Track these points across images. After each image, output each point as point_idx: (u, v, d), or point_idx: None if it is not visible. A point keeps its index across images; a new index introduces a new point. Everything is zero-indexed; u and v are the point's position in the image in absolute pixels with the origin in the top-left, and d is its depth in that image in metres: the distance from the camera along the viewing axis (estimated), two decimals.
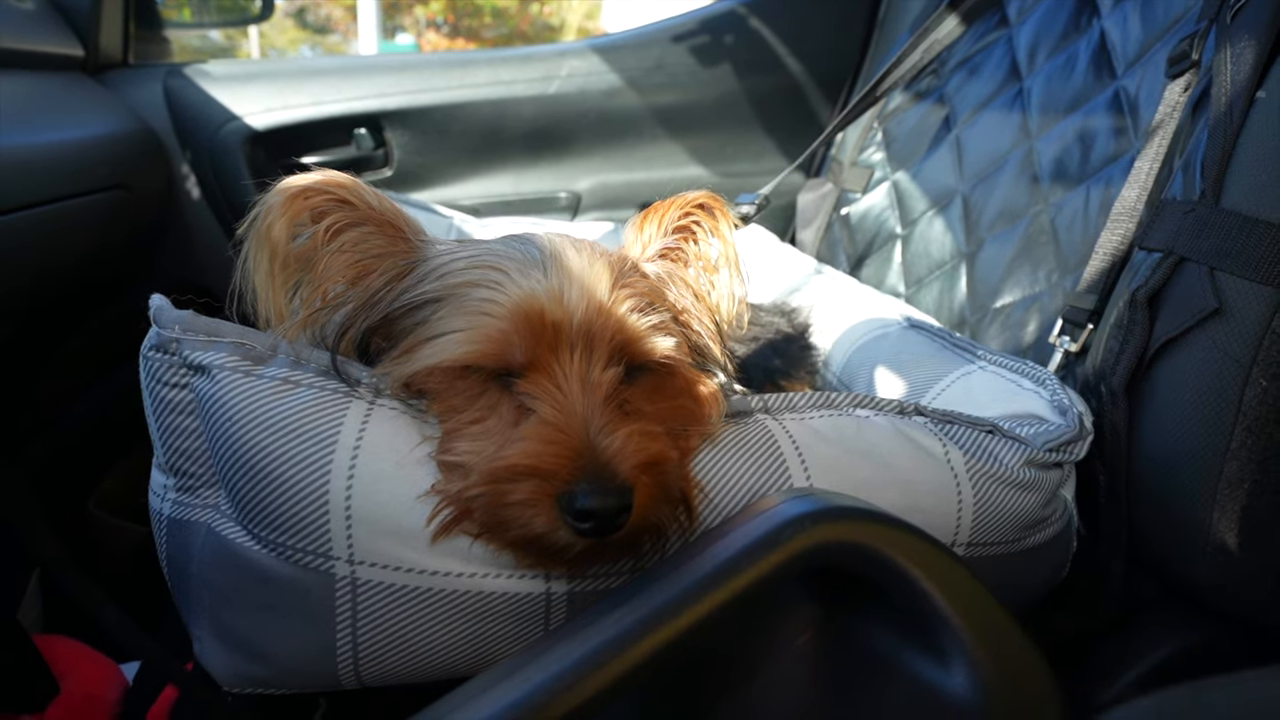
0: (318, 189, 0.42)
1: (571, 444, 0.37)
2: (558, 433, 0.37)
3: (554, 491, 0.36)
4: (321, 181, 0.42)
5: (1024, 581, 0.48)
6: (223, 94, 1.06)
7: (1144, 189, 0.60)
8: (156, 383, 0.41)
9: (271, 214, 0.42)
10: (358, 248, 0.43)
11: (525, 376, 0.39)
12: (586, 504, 0.35)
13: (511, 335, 0.38)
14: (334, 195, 0.43)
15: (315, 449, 0.38)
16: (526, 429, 0.38)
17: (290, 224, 0.42)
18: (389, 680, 0.41)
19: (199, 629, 0.41)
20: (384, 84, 1.11)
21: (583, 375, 0.38)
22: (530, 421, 0.38)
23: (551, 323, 0.38)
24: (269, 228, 0.42)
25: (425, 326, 0.40)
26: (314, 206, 0.42)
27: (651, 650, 0.27)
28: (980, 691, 0.29)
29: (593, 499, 0.35)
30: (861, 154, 1.03)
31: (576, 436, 0.37)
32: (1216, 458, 0.47)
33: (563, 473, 0.36)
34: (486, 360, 0.38)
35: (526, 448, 0.37)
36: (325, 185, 0.42)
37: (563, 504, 0.36)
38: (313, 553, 0.38)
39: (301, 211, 0.42)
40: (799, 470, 0.42)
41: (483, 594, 0.39)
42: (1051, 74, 0.80)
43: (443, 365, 0.39)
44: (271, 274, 0.43)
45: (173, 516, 0.42)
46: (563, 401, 0.38)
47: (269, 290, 0.44)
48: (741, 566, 0.30)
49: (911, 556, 0.31)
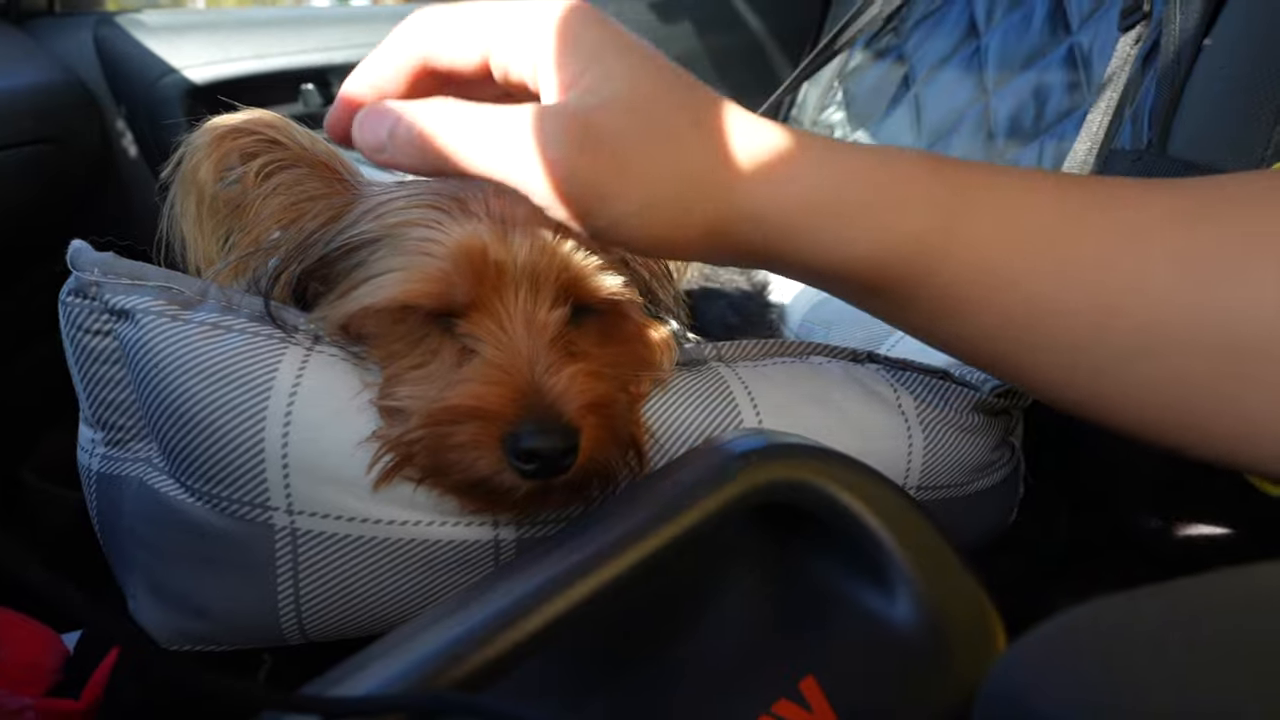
0: (246, 129, 0.40)
1: (515, 384, 0.36)
2: (501, 373, 0.36)
3: (498, 433, 0.35)
4: (250, 121, 0.40)
5: (971, 524, 0.49)
6: (158, 45, 1.01)
7: (1095, 141, 0.61)
8: (77, 330, 0.39)
9: (197, 155, 0.40)
10: (291, 190, 0.41)
11: (467, 317, 0.38)
12: (531, 444, 0.34)
13: (452, 274, 0.37)
14: (264, 135, 0.41)
15: (249, 395, 0.36)
16: (469, 370, 0.37)
17: (218, 166, 0.40)
18: (334, 634, 0.40)
19: (133, 586, 0.40)
20: (332, 37, 1.07)
21: (528, 315, 0.37)
22: (473, 363, 0.37)
23: (494, 261, 0.37)
24: (195, 170, 0.40)
25: (363, 268, 0.39)
26: (243, 148, 0.40)
27: (591, 592, 0.27)
28: (923, 619, 0.29)
29: (538, 439, 0.34)
30: (822, 113, 1.03)
31: (521, 377, 0.36)
32: None
33: (506, 413, 0.35)
34: (426, 300, 0.37)
35: (469, 389, 0.36)
36: (254, 125, 0.40)
37: (507, 445, 0.35)
38: (249, 503, 0.37)
39: (230, 153, 0.40)
40: (750, 414, 0.42)
41: (428, 542, 0.38)
42: (1008, 30, 0.80)
43: (381, 305, 0.37)
44: (200, 220, 0.41)
45: (102, 472, 0.40)
46: (506, 342, 0.37)
47: (197, 237, 0.42)
48: (686, 504, 0.29)
49: (857, 491, 0.31)
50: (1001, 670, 0.17)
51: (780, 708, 0.28)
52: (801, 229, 0.31)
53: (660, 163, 0.29)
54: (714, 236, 0.31)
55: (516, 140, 0.29)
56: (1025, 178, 0.32)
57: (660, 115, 0.29)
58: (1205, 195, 0.31)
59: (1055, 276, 0.31)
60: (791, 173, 0.30)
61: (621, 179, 0.29)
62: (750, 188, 0.30)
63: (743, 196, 0.30)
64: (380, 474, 0.37)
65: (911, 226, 0.31)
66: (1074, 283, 0.30)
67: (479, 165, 0.31)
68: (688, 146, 0.29)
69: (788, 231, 0.31)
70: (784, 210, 0.30)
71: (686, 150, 0.29)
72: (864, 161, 0.31)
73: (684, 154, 0.29)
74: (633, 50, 0.30)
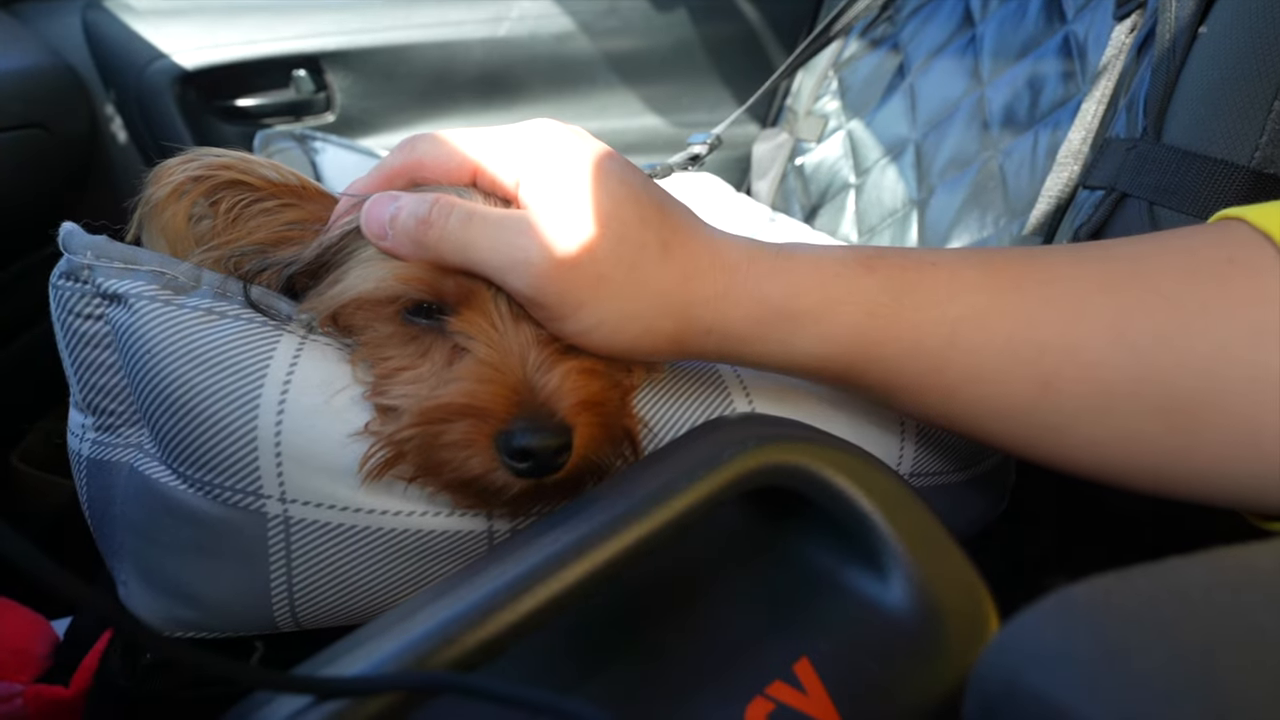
0: (203, 176, 0.39)
1: (508, 382, 0.35)
2: (493, 371, 0.36)
3: (490, 431, 0.35)
4: (205, 166, 0.39)
5: (963, 512, 0.49)
6: (147, 29, 1.00)
7: (1089, 131, 0.61)
8: (68, 314, 0.39)
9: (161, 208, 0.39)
10: (270, 222, 0.40)
11: (458, 314, 0.37)
12: (524, 442, 0.34)
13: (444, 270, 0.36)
14: (223, 179, 0.39)
15: (242, 382, 0.36)
16: (461, 368, 0.36)
17: (183, 216, 0.39)
18: (328, 622, 0.40)
19: (124, 573, 0.40)
20: (323, 23, 1.05)
21: (519, 313, 0.37)
22: (464, 361, 0.37)
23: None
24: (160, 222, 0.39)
25: (352, 257, 0.38)
26: (205, 193, 0.39)
27: (584, 575, 0.27)
28: (916, 601, 0.29)
29: (531, 438, 0.34)
30: (816, 103, 1.02)
31: (513, 375, 0.36)
32: None
33: (499, 411, 0.35)
34: (418, 287, 0.37)
35: (461, 387, 0.35)
36: (210, 169, 0.39)
37: (500, 444, 0.34)
38: (242, 491, 0.37)
39: (191, 203, 0.39)
40: (743, 402, 0.42)
41: (422, 532, 0.38)
42: (1003, 20, 0.80)
43: (370, 294, 0.37)
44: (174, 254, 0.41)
45: (92, 457, 0.40)
46: (498, 339, 0.36)
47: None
48: (681, 487, 0.29)
49: (851, 474, 0.31)
50: (995, 647, 0.17)
51: (775, 690, 0.28)
52: (752, 338, 0.34)
53: (630, 282, 0.33)
54: (675, 345, 0.35)
55: (506, 244, 0.33)
56: (954, 261, 0.34)
57: (633, 239, 0.33)
58: (1133, 263, 0.32)
59: (990, 352, 0.33)
60: (741, 291, 0.34)
61: (595, 293, 0.32)
62: (705, 309, 0.34)
63: (699, 313, 0.34)
64: (372, 470, 0.36)
65: (849, 324, 0.33)
66: (1010, 357, 0.32)
67: (468, 258, 0.34)
68: (655, 269, 0.33)
69: (739, 341, 0.35)
70: (735, 323, 0.34)
71: (654, 272, 0.33)
72: (804, 270, 0.34)
73: (651, 275, 0.33)
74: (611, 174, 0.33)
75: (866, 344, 0.34)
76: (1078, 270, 0.33)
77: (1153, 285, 0.31)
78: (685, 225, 0.35)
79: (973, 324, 0.33)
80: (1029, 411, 0.33)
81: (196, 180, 0.39)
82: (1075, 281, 0.32)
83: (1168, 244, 0.33)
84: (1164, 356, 0.30)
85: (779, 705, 0.27)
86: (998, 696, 0.17)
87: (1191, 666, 0.16)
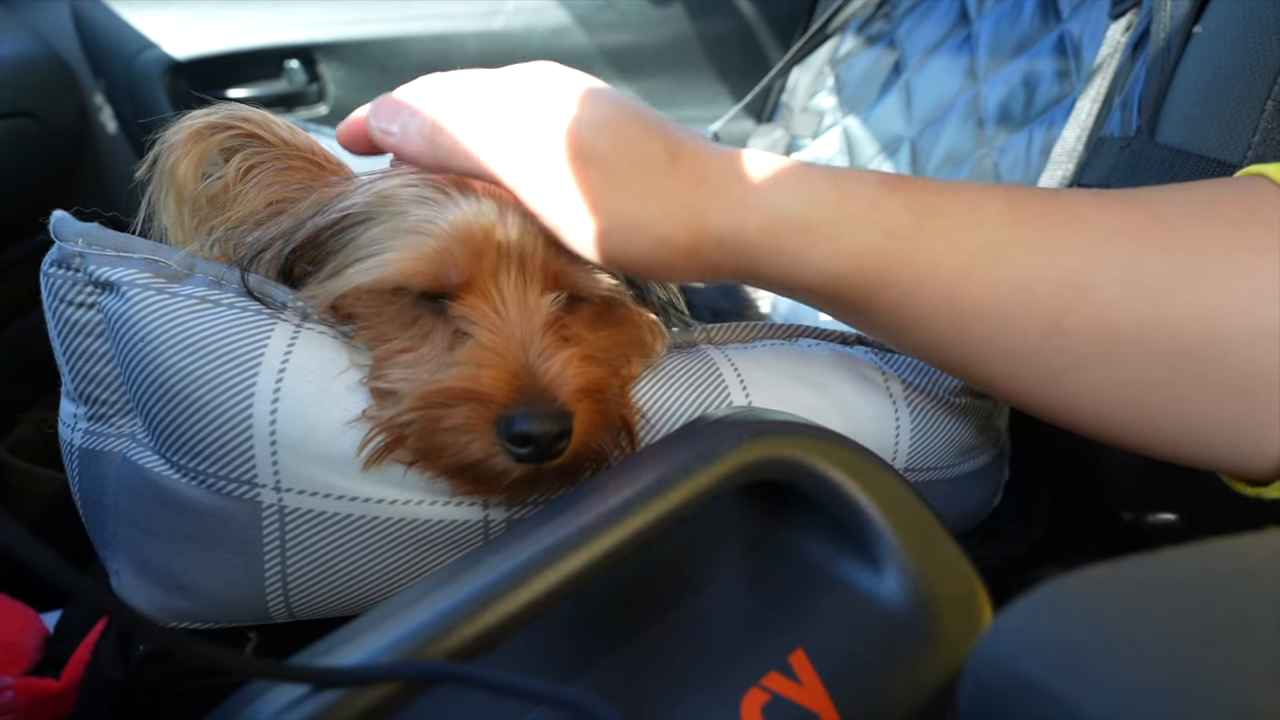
0: (224, 124, 0.40)
1: (509, 367, 0.36)
2: (495, 356, 0.36)
3: (491, 415, 0.35)
4: (228, 116, 0.40)
5: (958, 507, 0.49)
6: (138, 18, 0.99)
7: (1084, 129, 0.61)
8: (60, 302, 0.38)
9: (175, 153, 0.39)
10: (275, 182, 0.41)
11: (460, 299, 0.37)
12: (525, 428, 0.34)
13: (449, 254, 0.36)
14: (242, 130, 0.40)
15: (237, 370, 0.36)
16: (462, 353, 0.36)
17: (196, 163, 0.40)
18: (322, 612, 0.40)
19: (117, 564, 0.39)
20: (316, 13, 1.05)
21: (521, 299, 0.37)
22: (466, 345, 0.37)
23: (495, 243, 0.37)
24: (174, 168, 0.40)
25: (355, 246, 0.38)
26: (221, 143, 0.40)
27: (581, 566, 0.27)
28: (911, 593, 0.29)
29: (531, 423, 0.34)
30: (812, 99, 1.02)
31: (514, 360, 0.36)
32: None
33: (500, 396, 0.35)
34: (421, 280, 0.37)
35: (462, 371, 0.36)
36: (232, 120, 0.40)
37: (500, 428, 0.35)
38: (236, 480, 0.36)
39: (208, 149, 0.40)
40: (740, 395, 0.42)
41: (417, 521, 0.38)
42: (1000, 18, 0.80)
43: (373, 285, 0.37)
44: (179, 216, 0.41)
45: (84, 447, 0.40)
46: (500, 325, 0.37)
47: (178, 232, 0.41)
48: (677, 479, 0.29)
49: (846, 467, 0.31)
50: (990, 636, 0.18)
51: (770, 680, 0.28)
52: (767, 250, 0.33)
53: (639, 183, 0.32)
54: (688, 258, 0.34)
55: (517, 146, 0.33)
56: (979, 192, 0.34)
57: (642, 147, 0.33)
58: (1155, 208, 0.33)
59: (1006, 286, 0.32)
60: (757, 199, 0.33)
61: (605, 191, 0.32)
62: (718, 217, 0.33)
63: (712, 222, 0.33)
64: (370, 455, 0.36)
65: (867, 243, 0.33)
66: (1025, 292, 0.32)
67: (479, 162, 0.34)
68: (664, 177, 0.33)
69: (754, 252, 0.33)
70: (750, 234, 0.33)
71: (663, 180, 0.32)
72: (824, 185, 0.33)
73: (661, 182, 0.32)
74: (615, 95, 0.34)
75: (884, 265, 0.33)
76: (1099, 212, 0.33)
77: (1173, 229, 0.31)
78: (690, 138, 0.34)
79: (991, 255, 0.32)
80: (1035, 351, 0.33)
81: (214, 127, 0.39)
82: (1096, 222, 0.32)
83: (1192, 194, 0.33)
84: (1174, 301, 0.30)
85: (775, 696, 0.28)
86: (992, 685, 0.17)
87: (1183, 655, 0.16)
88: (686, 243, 0.33)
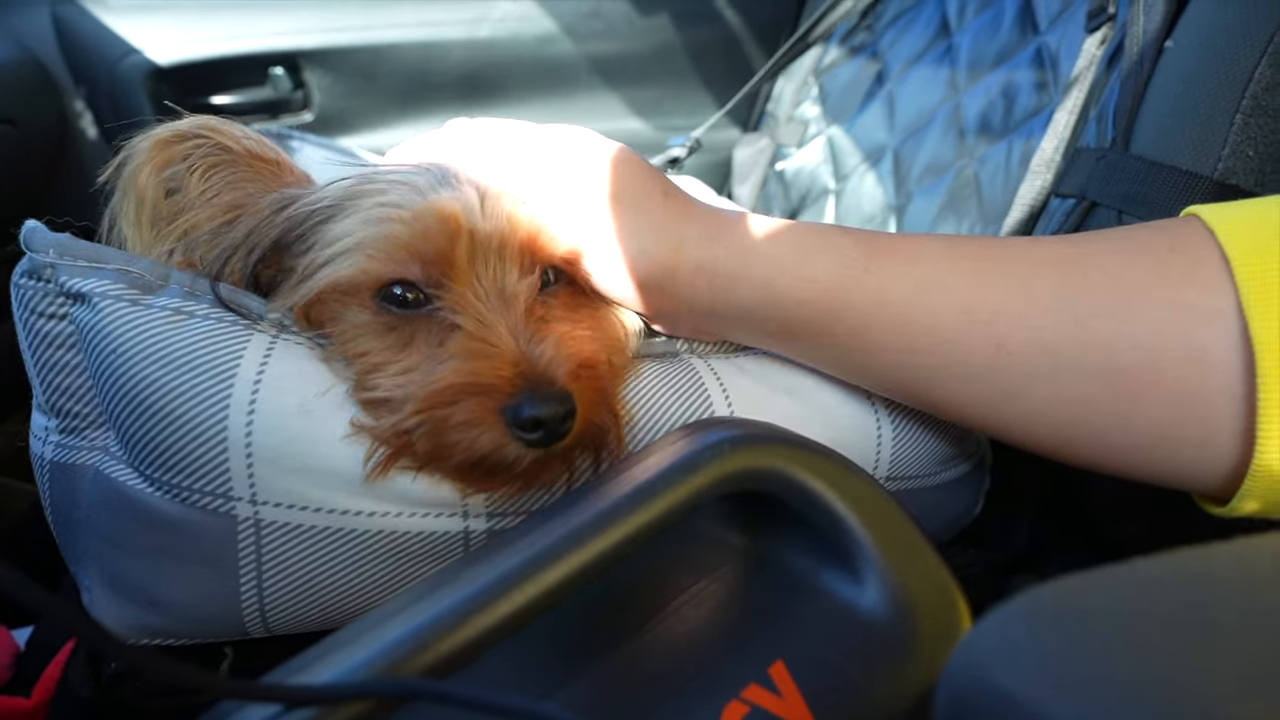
0: (190, 133, 0.40)
1: (505, 355, 0.35)
2: (488, 346, 0.36)
3: (496, 406, 0.35)
4: (192, 125, 0.40)
5: (939, 516, 0.49)
6: (120, 24, 0.98)
7: (1061, 140, 0.62)
8: (31, 313, 0.38)
9: (138, 160, 0.39)
10: (235, 188, 0.40)
11: (442, 291, 0.37)
12: (533, 412, 0.34)
13: (422, 245, 0.36)
14: (206, 139, 0.40)
15: (211, 382, 0.36)
16: (454, 347, 0.36)
17: (158, 171, 0.39)
18: (299, 627, 0.39)
19: (88, 579, 0.39)
20: (301, 20, 1.04)
21: (499, 286, 0.37)
22: (456, 339, 0.36)
23: (467, 231, 0.36)
24: (135, 174, 0.39)
25: (324, 242, 0.38)
26: (185, 152, 0.40)
27: (561, 579, 0.27)
28: (891, 604, 0.29)
29: (539, 407, 0.34)
30: (797, 109, 1.03)
31: (508, 346, 0.36)
32: None
33: (502, 385, 0.35)
34: (396, 272, 0.37)
35: (461, 366, 0.35)
36: (196, 129, 0.40)
37: (508, 417, 0.34)
38: (211, 493, 0.36)
39: (172, 158, 0.40)
40: (722, 404, 0.42)
41: (396, 533, 0.37)
42: (979, 30, 0.81)
43: (348, 280, 0.37)
44: (139, 224, 0.40)
45: (56, 460, 0.39)
46: (486, 315, 0.37)
47: (137, 241, 0.41)
48: (658, 490, 0.29)
49: (828, 478, 0.31)
50: (965, 647, 0.18)
51: (750, 693, 0.28)
52: (737, 276, 0.38)
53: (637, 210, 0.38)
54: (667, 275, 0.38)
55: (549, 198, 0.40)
56: (924, 236, 0.39)
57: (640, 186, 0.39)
58: (1081, 245, 0.36)
59: (950, 311, 0.36)
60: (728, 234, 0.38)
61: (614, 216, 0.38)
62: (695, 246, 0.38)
63: (691, 249, 0.38)
64: (376, 467, 0.36)
65: (824, 272, 0.37)
66: (967, 316, 0.35)
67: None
68: (657, 205, 0.39)
69: (724, 281, 0.38)
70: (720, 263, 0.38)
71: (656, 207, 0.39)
72: (784, 226, 0.39)
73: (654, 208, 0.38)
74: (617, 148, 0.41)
75: (842, 289, 0.37)
76: (1030, 250, 0.36)
77: (1095, 264, 0.34)
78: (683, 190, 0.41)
79: (933, 283, 0.36)
80: (983, 373, 0.36)
81: (180, 136, 0.39)
82: (1026, 257, 0.36)
83: (1117, 233, 0.37)
84: (1104, 327, 0.33)
85: (754, 708, 0.28)
86: (966, 694, 0.17)
87: (1153, 663, 0.16)
88: (665, 261, 0.38)
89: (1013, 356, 0.34)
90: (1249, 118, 0.44)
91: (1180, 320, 0.32)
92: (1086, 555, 0.59)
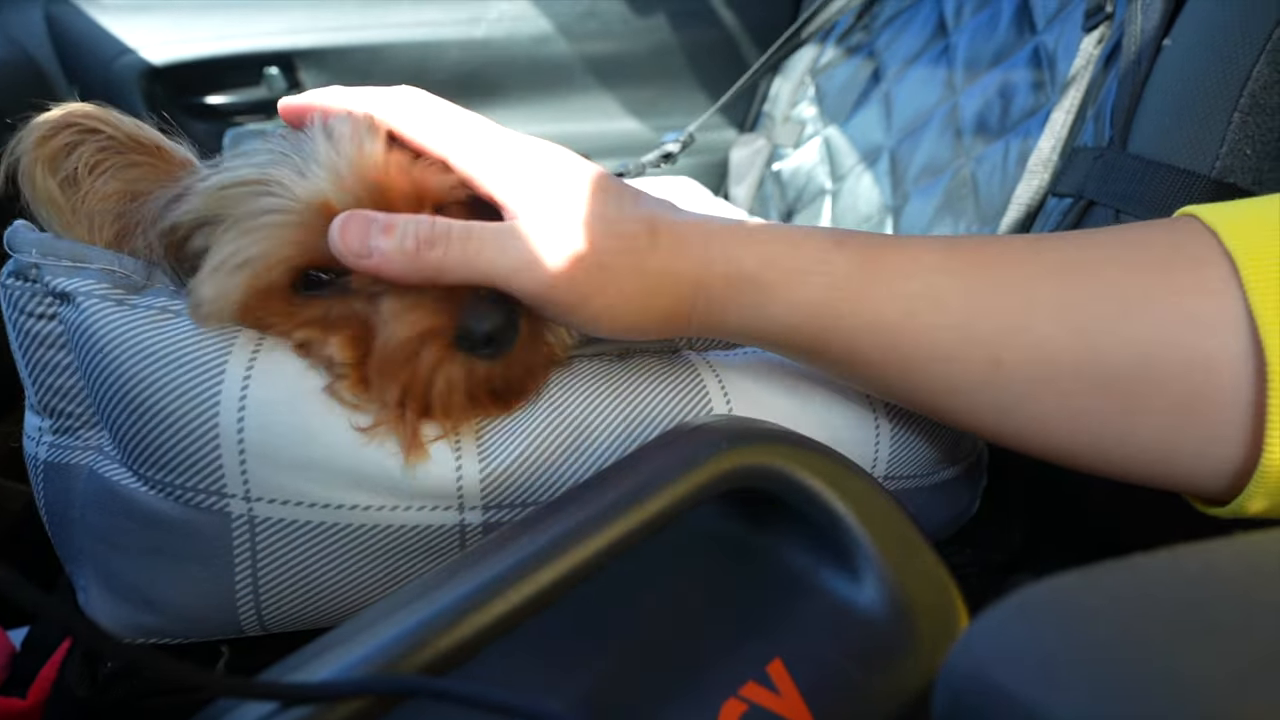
0: (64, 122, 0.38)
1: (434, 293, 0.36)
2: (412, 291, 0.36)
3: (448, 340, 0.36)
4: (65, 114, 0.38)
5: (936, 514, 0.49)
6: (114, 23, 0.98)
7: (1059, 139, 0.62)
8: (20, 313, 0.38)
9: (25, 160, 0.38)
10: (120, 175, 0.40)
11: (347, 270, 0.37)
12: (481, 327, 0.35)
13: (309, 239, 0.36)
14: (82, 126, 0.39)
15: (200, 379, 0.35)
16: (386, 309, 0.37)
17: (49, 167, 0.38)
18: (295, 625, 0.39)
19: (84, 579, 0.39)
20: (297, 20, 1.04)
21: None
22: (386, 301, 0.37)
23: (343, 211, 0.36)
24: (30, 178, 0.38)
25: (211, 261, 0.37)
26: (66, 141, 0.38)
27: (558, 576, 0.27)
28: (889, 602, 0.29)
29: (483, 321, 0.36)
30: (794, 109, 1.03)
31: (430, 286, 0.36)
32: None
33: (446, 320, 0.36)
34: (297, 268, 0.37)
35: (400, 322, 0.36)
36: (70, 118, 0.39)
37: (463, 345, 0.36)
38: (204, 491, 0.36)
39: (56, 152, 0.38)
40: (721, 402, 0.42)
41: (392, 528, 0.37)
42: (976, 30, 0.81)
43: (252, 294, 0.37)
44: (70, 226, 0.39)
45: (50, 460, 0.39)
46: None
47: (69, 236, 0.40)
48: (655, 488, 0.29)
49: (825, 476, 0.31)
50: (962, 645, 0.18)
51: (748, 691, 0.28)
52: (730, 303, 0.37)
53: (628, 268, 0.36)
54: (667, 321, 0.38)
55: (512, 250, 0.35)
56: (918, 244, 0.37)
57: (624, 231, 0.36)
58: (1082, 251, 0.35)
59: (946, 329, 0.35)
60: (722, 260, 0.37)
61: (600, 282, 0.35)
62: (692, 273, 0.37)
63: (686, 291, 0.37)
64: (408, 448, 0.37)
65: (813, 297, 0.36)
66: (964, 333, 0.35)
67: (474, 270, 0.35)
68: (647, 254, 0.36)
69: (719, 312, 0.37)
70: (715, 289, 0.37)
71: (647, 256, 0.36)
72: (777, 243, 0.37)
73: (645, 259, 0.36)
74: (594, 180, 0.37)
75: (832, 314, 0.36)
76: (1031, 258, 0.35)
77: (1098, 273, 0.34)
78: (664, 212, 0.38)
79: (929, 301, 0.35)
80: (981, 388, 0.35)
81: (56, 125, 0.38)
82: (1027, 267, 0.35)
83: (1120, 236, 0.36)
84: (1106, 338, 0.33)
85: (752, 706, 0.27)
86: (964, 693, 0.17)
87: (1152, 661, 0.16)
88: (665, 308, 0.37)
89: (1011, 372, 0.34)
90: (1247, 116, 0.44)
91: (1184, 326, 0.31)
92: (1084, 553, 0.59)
